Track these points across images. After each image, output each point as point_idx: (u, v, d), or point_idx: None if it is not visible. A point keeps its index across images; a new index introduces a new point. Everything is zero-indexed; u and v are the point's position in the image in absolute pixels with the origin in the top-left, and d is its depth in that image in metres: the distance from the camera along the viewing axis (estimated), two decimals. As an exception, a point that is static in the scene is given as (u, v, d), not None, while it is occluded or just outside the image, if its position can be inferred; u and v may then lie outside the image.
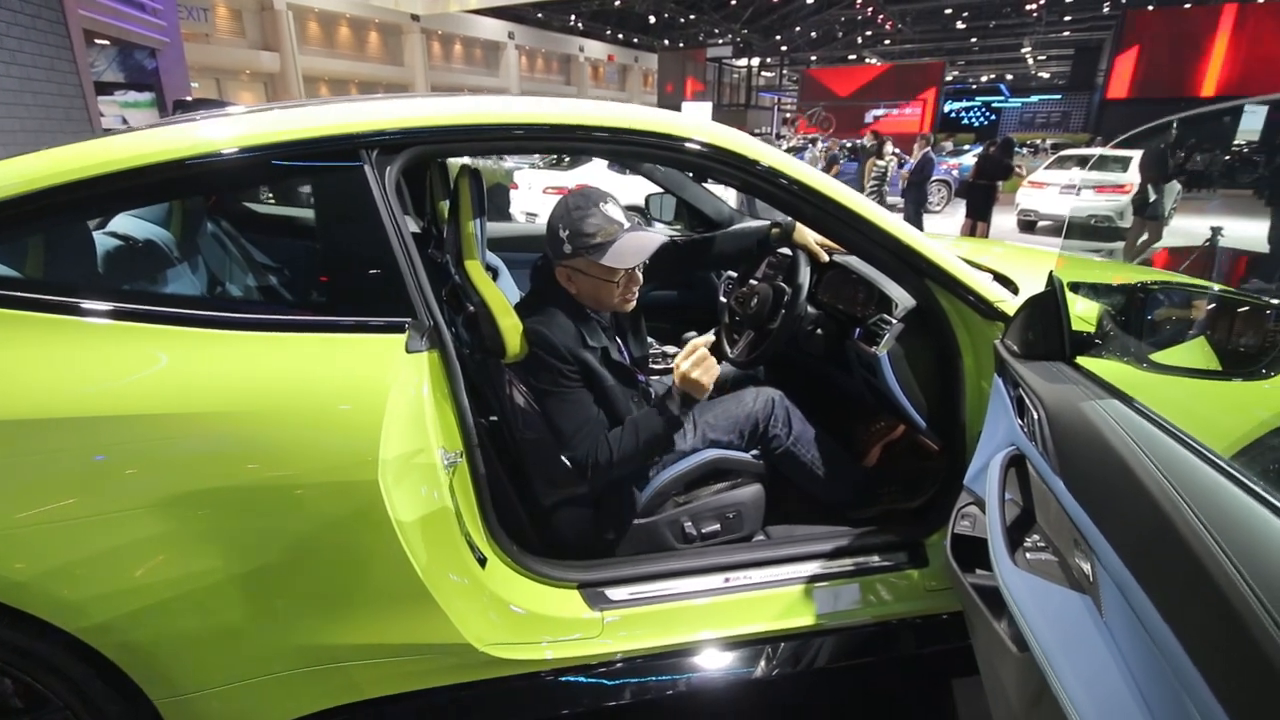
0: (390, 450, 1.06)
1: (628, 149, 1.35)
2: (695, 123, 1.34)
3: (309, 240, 1.21)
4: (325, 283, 1.21)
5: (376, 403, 1.06)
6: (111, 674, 1.08)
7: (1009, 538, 1.03)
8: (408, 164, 1.21)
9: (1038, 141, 22.43)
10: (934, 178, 9.55)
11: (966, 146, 17.21)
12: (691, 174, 2.49)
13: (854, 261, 1.67)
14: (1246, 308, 1.11)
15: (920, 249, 1.38)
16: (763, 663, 1.46)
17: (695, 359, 1.35)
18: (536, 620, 1.32)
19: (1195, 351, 1.07)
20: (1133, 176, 8.36)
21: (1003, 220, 9.14)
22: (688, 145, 1.31)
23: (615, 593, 1.39)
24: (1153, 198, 6.46)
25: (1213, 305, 1.15)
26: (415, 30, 24.61)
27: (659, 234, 1.39)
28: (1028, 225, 9.76)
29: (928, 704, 1.62)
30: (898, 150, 10.53)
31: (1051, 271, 1.10)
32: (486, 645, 1.23)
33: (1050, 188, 9.41)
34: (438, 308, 1.20)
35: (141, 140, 1.11)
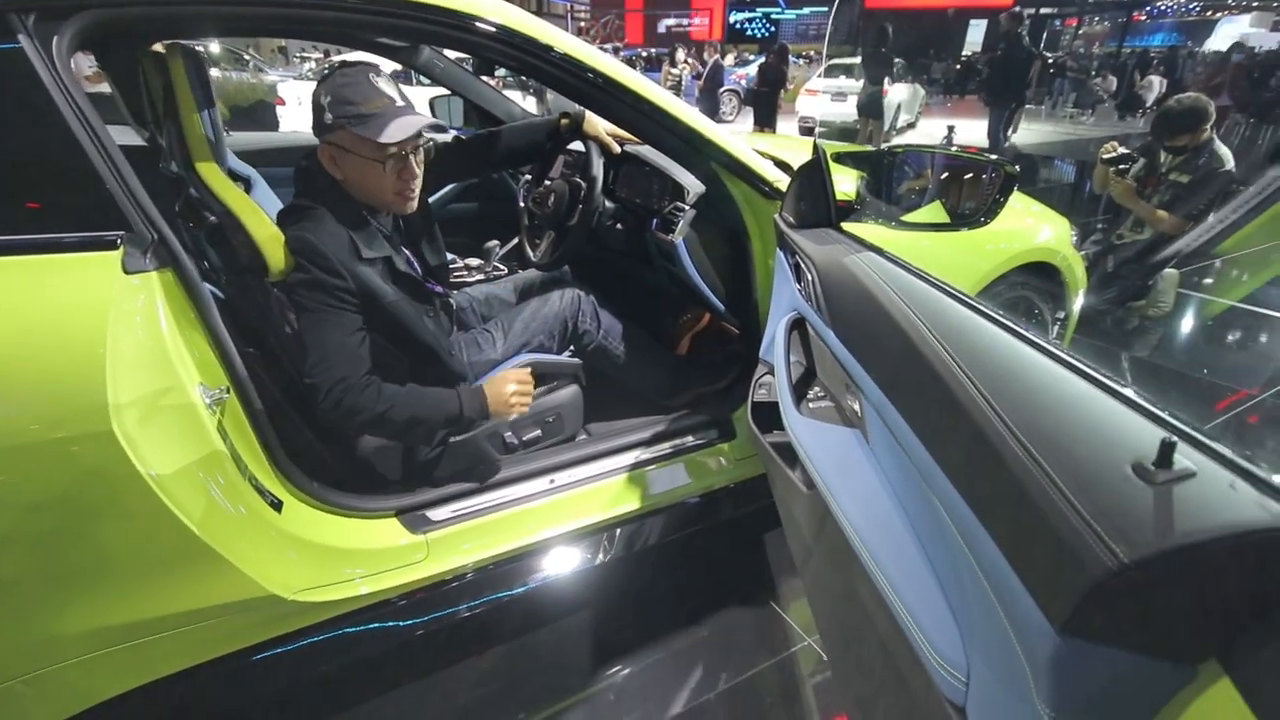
0: (124, 393, 0.88)
1: (407, 26, 1.16)
2: (485, 1, 1.20)
3: None
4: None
5: (90, 335, 0.86)
6: None
7: (795, 393, 1.13)
8: (85, 35, 0.95)
9: (811, 53, 23.97)
10: (725, 87, 9.90)
11: (750, 57, 17.90)
12: (477, 63, 2.29)
13: (646, 151, 1.67)
14: (971, 173, 1.28)
15: (707, 134, 1.40)
16: (600, 553, 1.51)
17: (522, 388, 1.34)
18: (352, 555, 1.23)
19: (934, 211, 1.22)
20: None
21: (787, 127, 9.80)
22: (477, 25, 1.18)
23: (437, 513, 1.34)
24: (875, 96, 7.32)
25: (946, 172, 1.30)
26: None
27: (431, 117, 1.24)
28: (806, 131, 10.59)
29: (746, 560, 1.81)
30: (690, 59, 10.71)
31: (815, 141, 1.18)
32: (296, 592, 1.13)
33: (823, 95, 10.23)
34: (162, 220, 0.98)
35: None
